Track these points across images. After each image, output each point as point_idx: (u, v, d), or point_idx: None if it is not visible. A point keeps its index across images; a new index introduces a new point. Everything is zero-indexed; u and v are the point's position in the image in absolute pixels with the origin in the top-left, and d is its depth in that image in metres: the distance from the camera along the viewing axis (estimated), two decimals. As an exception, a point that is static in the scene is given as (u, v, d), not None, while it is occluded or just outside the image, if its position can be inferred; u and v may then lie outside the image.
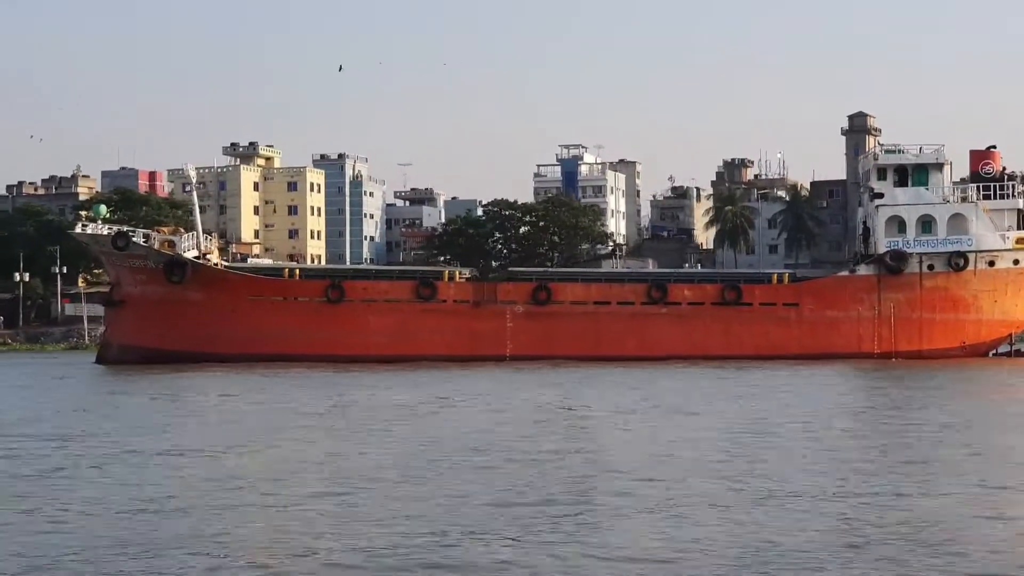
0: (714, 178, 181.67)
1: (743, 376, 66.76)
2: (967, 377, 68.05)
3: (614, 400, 50.77)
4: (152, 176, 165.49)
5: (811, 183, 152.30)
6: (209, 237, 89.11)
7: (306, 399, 52.14)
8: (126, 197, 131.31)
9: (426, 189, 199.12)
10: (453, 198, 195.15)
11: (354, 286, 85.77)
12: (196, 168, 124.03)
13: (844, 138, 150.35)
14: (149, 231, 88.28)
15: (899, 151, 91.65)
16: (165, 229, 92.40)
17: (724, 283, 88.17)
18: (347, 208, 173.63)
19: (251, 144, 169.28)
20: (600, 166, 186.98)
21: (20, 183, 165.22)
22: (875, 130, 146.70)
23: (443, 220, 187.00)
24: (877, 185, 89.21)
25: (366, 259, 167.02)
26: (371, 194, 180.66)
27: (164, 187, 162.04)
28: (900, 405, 49.65)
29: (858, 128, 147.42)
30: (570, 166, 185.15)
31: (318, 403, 49.89)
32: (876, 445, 34.14)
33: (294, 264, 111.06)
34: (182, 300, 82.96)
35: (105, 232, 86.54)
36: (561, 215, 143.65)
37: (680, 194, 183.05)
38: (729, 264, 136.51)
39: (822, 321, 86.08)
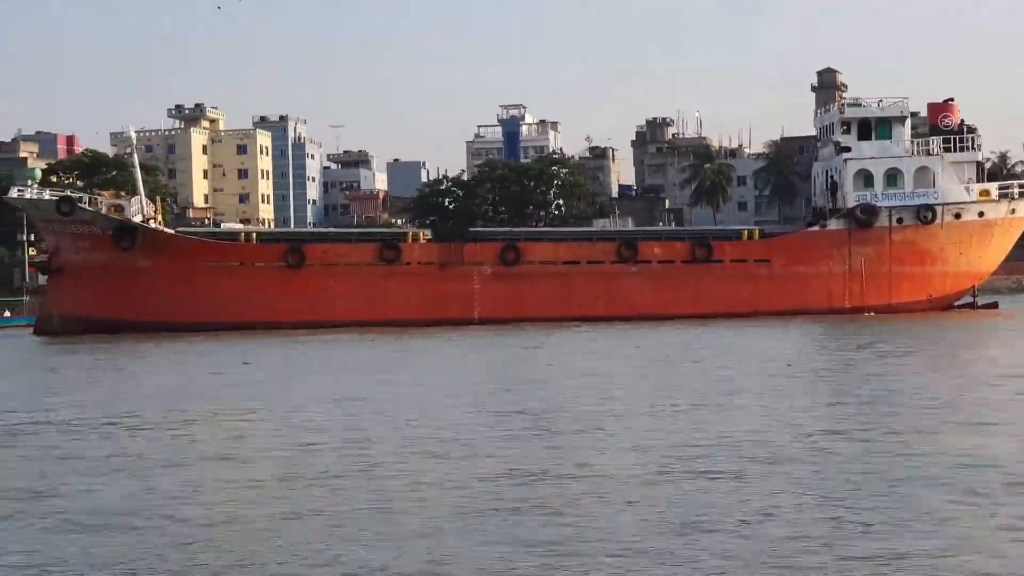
0: (634, 138, 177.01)
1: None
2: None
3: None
4: (70, 140, 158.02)
5: (781, 139, 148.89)
6: (149, 202, 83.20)
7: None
8: (97, 160, 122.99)
9: (359, 151, 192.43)
10: (395, 160, 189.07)
11: (314, 250, 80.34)
12: (141, 132, 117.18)
13: (813, 95, 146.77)
14: (91, 196, 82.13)
15: (861, 105, 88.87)
16: (107, 193, 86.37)
17: (694, 240, 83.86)
18: (290, 171, 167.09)
19: (197, 106, 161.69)
20: (539, 126, 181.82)
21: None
22: (843, 85, 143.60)
23: (376, 183, 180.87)
24: (843, 139, 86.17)
25: (310, 223, 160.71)
26: (312, 157, 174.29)
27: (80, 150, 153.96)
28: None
29: (827, 84, 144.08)
30: (511, 126, 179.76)
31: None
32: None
33: (249, 228, 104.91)
34: (131, 267, 77.25)
35: (47, 197, 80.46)
36: (558, 174, 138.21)
37: (598, 155, 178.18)
38: (701, 222, 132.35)
39: (793, 277, 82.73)
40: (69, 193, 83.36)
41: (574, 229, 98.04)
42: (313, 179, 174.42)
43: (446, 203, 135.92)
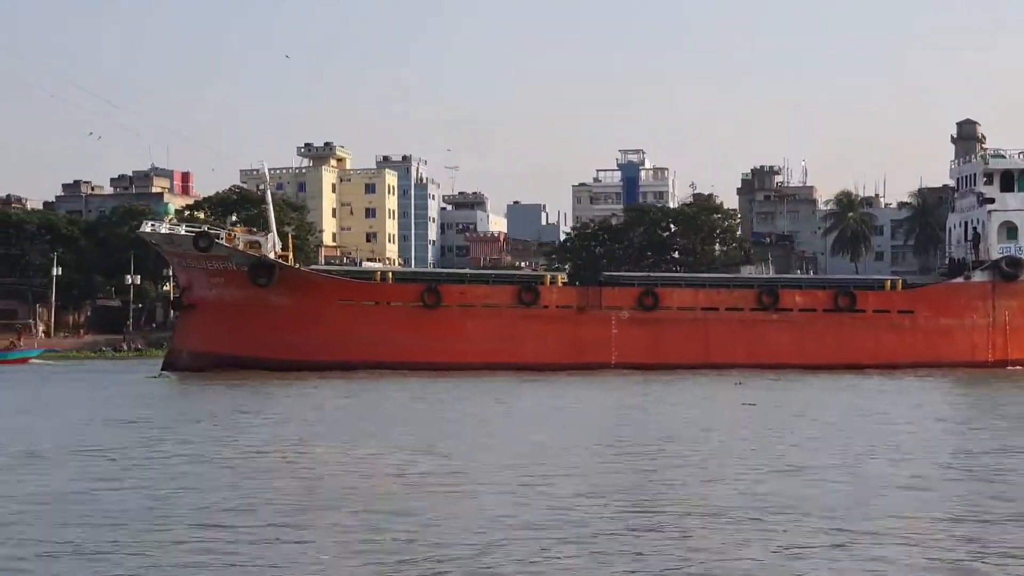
0: (739, 185, 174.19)
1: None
2: None
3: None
4: (185, 177, 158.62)
5: (919, 190, 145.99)
6: (278, 239, 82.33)
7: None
8: (244, 197, 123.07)
9: (474, 193, 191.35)
10: (515, 202, 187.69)
11: (451, 290, 78.94)
12: (273, 170, 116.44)
13: (952, 145, 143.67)
14: (227, 231, 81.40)
15: (1004, 156, 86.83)
16: (241, 229, 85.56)
17: (836, 289, 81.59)
18: (412, 211, 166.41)
19: (327, 144, 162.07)
20: (662, 171, 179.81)
21: (77, 182, 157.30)
22: (982, 137, 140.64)
23: (490, 225, 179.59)
24: (986, 190, 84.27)
25: (430, 263, 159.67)
26: (433, 197, 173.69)
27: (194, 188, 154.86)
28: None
29: (967, 135, 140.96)
30: (631, 171, 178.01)
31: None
32: None
33: (386, 267, 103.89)
34: (265, 304, 76.12)
35: (183, 232, 79.91)
36: (708, 219, 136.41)
37: (702, 201, 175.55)
38: (835, 271, 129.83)
39: (937, 329, 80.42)
40: (207, 228, 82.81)
41: (711, 275, 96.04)
42: (433, 220, 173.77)
43: (593, 247, 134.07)
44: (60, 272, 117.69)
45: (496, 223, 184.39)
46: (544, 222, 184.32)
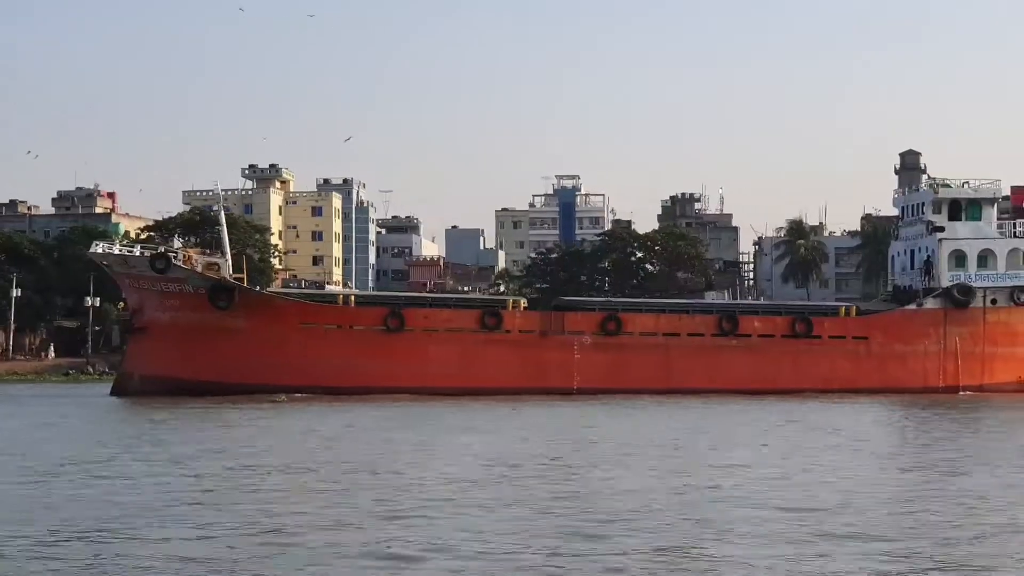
0: (660, 212, 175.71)
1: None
2: None
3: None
4: (111, 197, 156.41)
5: (862, 218, 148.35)
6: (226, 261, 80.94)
7: None
8: (205, 218, 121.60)
9: (407, 217, 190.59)
10: (454, 227, 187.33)
11: (414, 314, 78.53)
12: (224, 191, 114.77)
13: (896, 176, 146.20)
14: (184, 253, 79.79)
15: (950, 186, 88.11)
16: (193, 251, 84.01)
17: (793, 315, 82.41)
18: (353, 235, 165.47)
19: (272, 166, 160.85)
20: (599, 197, 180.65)
21: (13, 201, 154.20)
22: (924, 167, 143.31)
23: (426, 250, 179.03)
24: (935, 219, 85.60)
25: (370, 287, 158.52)
26: (373, 221, 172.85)
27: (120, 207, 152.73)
28: None
29: (910, 166, 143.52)
30: (567, 196, 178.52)
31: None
32: None
33: (348, 291, 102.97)
34: (222, 327, 75.11)
35: (139, 253, 78.43)
36: (679, 246, 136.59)
37: (623, 227, 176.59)
38: (783, 297, 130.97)
39: (890, 355, 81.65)
40: (163, 249, 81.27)
41: (671, 301, 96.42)
42: (372, 243, 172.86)
43: (556, 272, 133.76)
44: (19, 293, 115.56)
45: (428, 247, 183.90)
46: (482, 247, 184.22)
